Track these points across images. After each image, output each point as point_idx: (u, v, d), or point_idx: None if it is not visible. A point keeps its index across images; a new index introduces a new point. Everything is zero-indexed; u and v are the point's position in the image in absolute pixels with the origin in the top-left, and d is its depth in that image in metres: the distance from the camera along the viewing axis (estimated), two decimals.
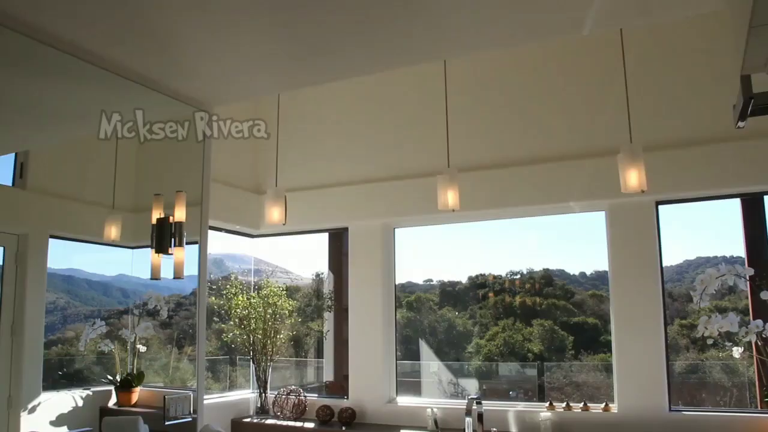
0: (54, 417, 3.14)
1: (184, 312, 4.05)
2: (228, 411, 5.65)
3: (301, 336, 6.39)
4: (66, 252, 3.35)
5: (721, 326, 4.26)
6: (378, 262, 5.60)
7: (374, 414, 5.44)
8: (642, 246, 4.66)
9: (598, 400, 4.86)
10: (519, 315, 5.83)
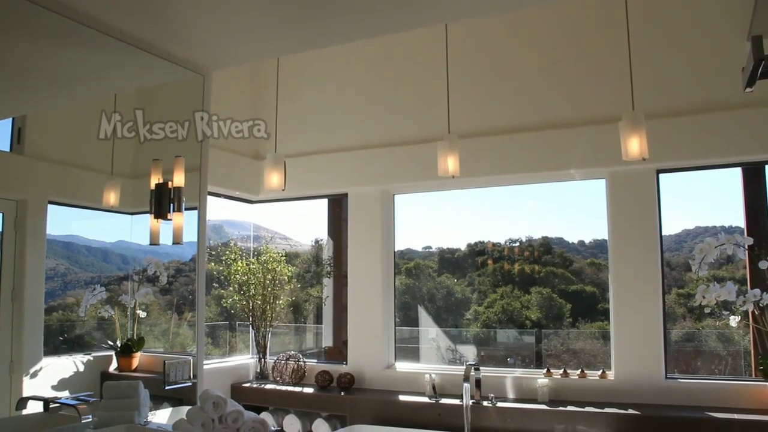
0: (55, 382, 3.17)
1: (184, 278, 4.06)
2: (228, 376, 5.70)
3: (300, 302, 6.42)
4: (65, 218, 3.34)
5: (719, 295, 4.28)
6: (377, 229, 5.61)
7: (373, 379, 5.49)
8: (642, 214, 4.66)
9: (595, 367, 4.91)
10: (517, 282, 5.85)
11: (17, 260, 2.96)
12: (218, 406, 3.08)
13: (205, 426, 3.04)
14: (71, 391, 3.19)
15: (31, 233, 3.03)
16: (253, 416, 3.17)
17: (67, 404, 3.00)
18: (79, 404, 2.99)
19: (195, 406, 3.14)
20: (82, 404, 3.00)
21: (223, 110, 5.46)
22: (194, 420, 3.03)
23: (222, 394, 3.15)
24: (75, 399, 3.08)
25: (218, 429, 3.05)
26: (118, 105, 3.52)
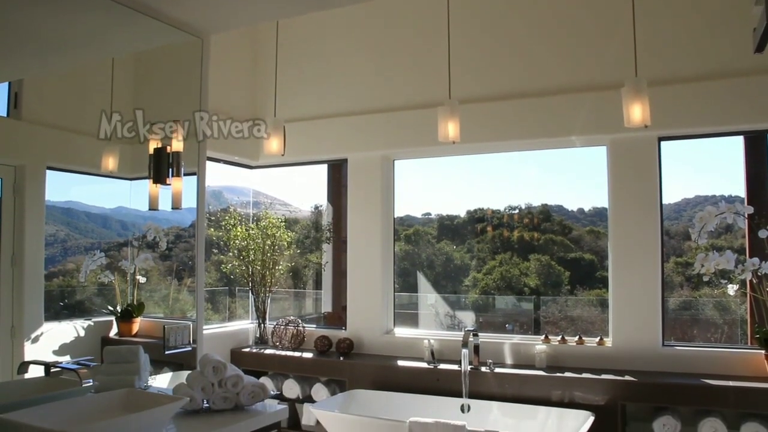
0: (57, 346, 3.18)
1: (184, 244, 4.06)
2: (227, 341, 5.73)
3: (300, 268, 6.44)
4: (64, 184, 3.32)
5: (718, 263, 4.29)
6: (377, 195, 5.59)
7: (371, 345, 5.52)
8: (642, 182, 4.65)
9: (593, 334, 4.94)
10: (516, 249, 5.86)
11: (16, 226, 2.95)
12: (218, 371, 3.10)
13: (205, 390, 3.07)
14: (72, 355, 3.21)
15: (30, 199, 3.02)
16: (253, 380, 3.20)
17: (67, 368, 3.02)
18: (80, 368, 3.01)
19: (195, 371, 3.16)
20: (82, 368, 3.02)
21: (223, 75, 5.43)
22: (194, 384, 3.06)
23: (221, 359, 3.17)
24: (76, 363, 3.10)
25: (218, 393, 3.08)
26: (116, 72, 3.49)
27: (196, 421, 2.94)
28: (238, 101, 5.96)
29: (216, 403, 3.08)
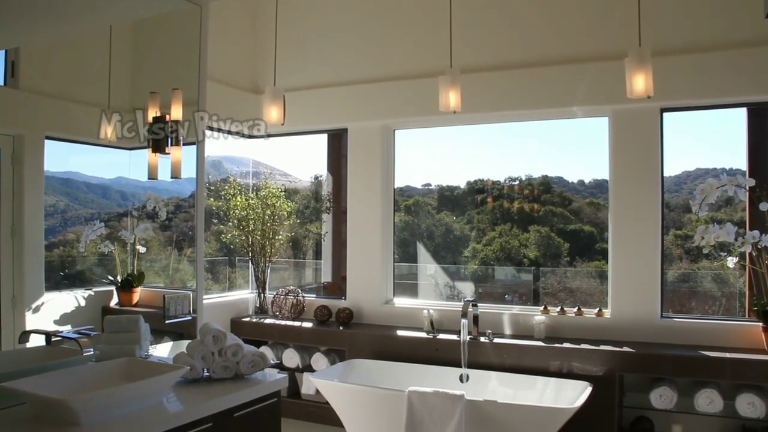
0: (57, 316, 3.19)
1: (183, 214, 4.05)
2: (227, 310, 5.76)
3: (300, 238, 6.44)
4: (63, 154, 3.30)
5: (718, 236, 4.29)
6: (377, 164, 5.58)
7: (371, 314, 5.55)
8: (644, 153, 4.63)
9: (591, 306, 4.96)
10: (516, 221, 5.86)
11: (16, 196, 2.94)
12: (218, 340, 3.11)
13: (205, 359, 3.08)
14: (73, 325, 3.22)
15: (29, 169, 3.00)
16: (253, 350, 3.21)
17: (68, 338, 3.03)
18: (81, 338, 3.02)
19: (195, 340, 3.17)
20: (83, 338, 3.04)
21: (222, 44, 5.38)
22: (194, 353, 3.07)
23: (221, 328, 3.18)
24: (76, 333, 3.11)
25: (218, 362, 3.09)
26: (115, 40, 3.45)
27: (196, 389, 2.96)
28: (238, 70, 5.92)
29: (216, 372, 3.10)
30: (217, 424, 2.81)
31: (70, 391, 2.53)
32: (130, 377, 2.79)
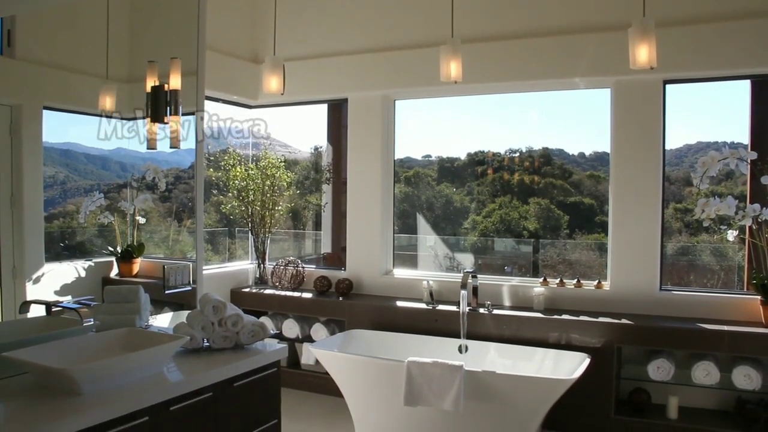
0: (58, 287, 3.19)
1: (183, 185, 4.04)
2: (227, 281, 5.77)
3: (300, 209, 6.44)
4: (61, 124, 3.28)
5: (719, 209, 4.29)
6: (377, 135, 5.55)
7: (371, 285, 5.56)
8: (646, 126, 4.60)
9: (590, 278, 4.97)
10: (516, 193, 5.85)
11: (14, 167, 2.92)
12: (218, 310, 3.12)
13: (205, 329, 3.10)
14: (73, 296, 3.22)
15: (27, 139, 2.98)
16: (253, 320, 3.22)
17: (68, 308, 3.03)
18: (81, 308, 3.03)
19: (195, 310, 3.18)
20: (83, 308, 3.04)
21: (222, 12, 5.32)
22: (194, 323, 3.08)
23: (221, 298, 3.19)
24: (77, 303, 3.12)
25: (218, 332, 3.11)
26: (112, 8, 3.41)
27: (196, 359, 2.97)
28: (238, 39, 5.86)
29: (216, 342, 3.11)
30: (217, 393, 2.83)
31: (71, 361, 2.54)
32: (130, 347, 2.80)
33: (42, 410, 2.21)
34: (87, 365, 2.44)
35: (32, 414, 2.18)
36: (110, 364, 2.49)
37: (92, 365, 2.44)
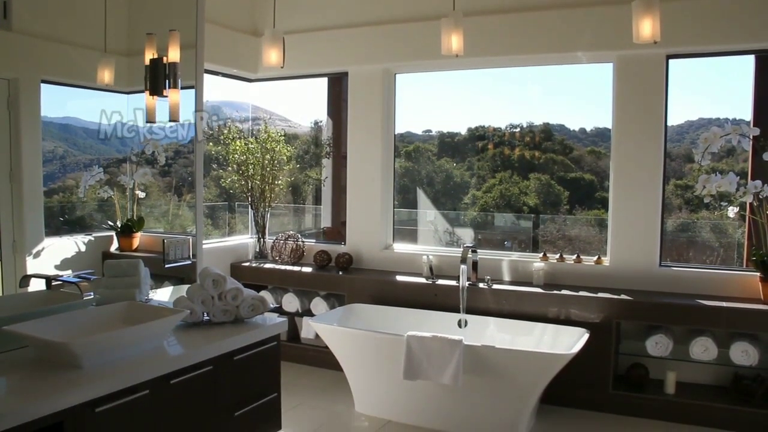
0: (58, 261, 3.20)
1: (183, 160, 4.03)
2: (227, 255, 5.78)
3: (299, 183, 6.43)
4: (60, 98, 3.26)
5: (720, 185, 4.27)
6: (378, 109, 5.52)
7: (371, 260, 5.57)
8: (648, 101, 4.57)
9: (590, 254, 4.97)
10: (516, 168, 5.83)
11: (13, 141, 2.91)
12: (218, 284, 3.13)
13: (205, 303, 3.11)
14: (73, 270, 3.23)
15: (24, 113, 2.97)
16: (253, 294, 3.23)
17: (68, 282, 3.04)
18: (81, 282, 3.04)
19: (195, 284, 3.19)
20: (83, 282, 3.05)
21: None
22: (194, 297, 3.09)
23: (221, 272, 3.20)
24: (77, 277, 3.12)
25: (218, 306, 3.12)
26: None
27: (196, 333, 2.99)
28: (237, 11, 5.80)
29: (216, 316, 3.13)
30: (217, 366, 2.85)
31: (71, 335, 2.55)
32: (130, 321, 2.81)
33: (43, 383, 2.22)
34: (87, 339, 2.45)
35: (33, 387, 2.20)
36: (111, 338, 2.51)
37: (93, 339, 2.45)
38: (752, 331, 4.16)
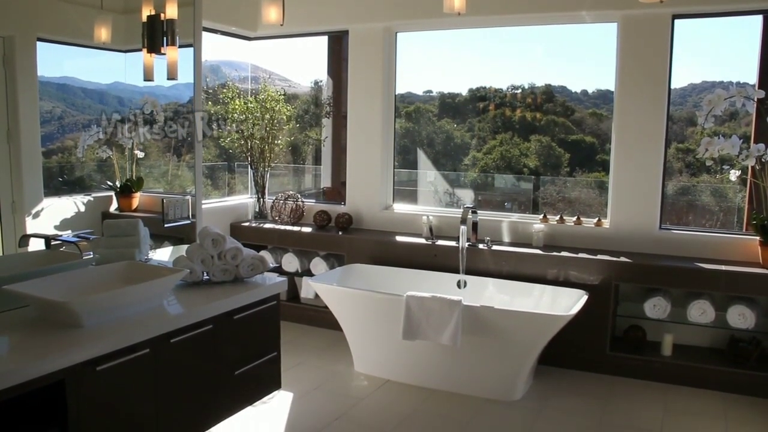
0: (58, 222, 3.19)
1: (182, 120, 4.00)
2: (227, 215, 5.77)
3: (299, 144, 6.39)
4: (57, 57, 3.22)
5: (722, 148, 4.23)
6: (378, 69, 5.46)
7: (370, 220, 5.57)
8: (652, 63, 4.52)
9: (589, 216, 4.96)
10: (517, 130, 5.80)
11: (9, 100, 2.88)
12: (217, 243, 3.13)
13: (204, 262, 3.11)
14: (73, 230, 3.23)
15: (21, 72, 2.93)
16: (252, 253, 3.24)
17: (68, 241, 3.05)
18: (80, 241, 3.04)
19: (194, 243, 3.20)
20: (82, 241, 3.06)
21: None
22: (194, 256, 3.10)
23: (221, 232, 3.19)
24: (76, 237, 3.12)
25: (217, 265, 3.12)
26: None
27: (196, 292, 3.00)
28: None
29: (216, 275, 3.14)
30: (217, 326, 2.87)
31: (71, 294, 2.56)
32: (130, 280, 2.82)
33: (44, 342, 2.24)
34: (88, 298, 2.46)
35: (34, 346, 2.21)
36: (111, 297, 2.52)
37: (93, 298, 2.46)
38: (750, 294, 4.18)
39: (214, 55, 5.88)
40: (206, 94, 5.61)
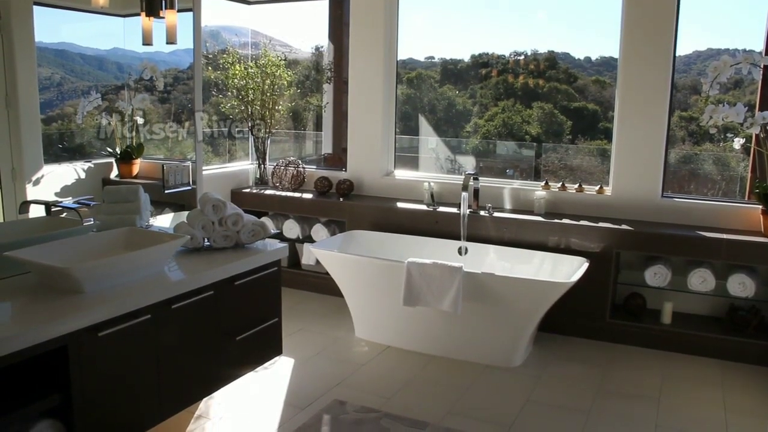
0: (58, 188, 3.19)
1: (182, 86, 3.97)
2: (228, 182, 5.75)
3: (300, 109, 6.35)
4: (54, 22, 3.18)
5: (727, 115, 4.19)
6: (380, 33, 5.39)
7: (371, 186, 5.56)
8: (657, 29, 4.46)
9: (591, 184, 4.94)
10: (519, 97, 5.75)
11: (7, 66, 2.85)
12: (218, 209, 3.13)
13: (205, 228, 3.11)
14: (73, 197, 3.22)
15: (18, 37, 2.90)
16: (253, 219, 3.24)
17: (68, 208, 3.04)
18: (80, 207, 3.04)
19: (195, 209, 3.19)
20: (83, 208, 3.05)
21: None
22: (194, 223, 3.10)
23: (221, 198, 3.19)
24: (76, 203, 3.12)
25: (218, 231, 3.12)
26: None
27: (197, 258, 3.01)
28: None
29: (217, 242, 3.14)
30: (218, 291, 2.88)
31: (72, 260, 2.57)
32: (131, 246, 2.83)
33: (45, 308, 2.25)
34: (89, 264, 2.46)
35: (36, 312, 2.22)
36: (112, 263, 2.52)
37: (94, 264, 2.47)
38: (751, 263, 4.18)
39: (213, 19, 5.81)
40: (206, 60, 5.56)
